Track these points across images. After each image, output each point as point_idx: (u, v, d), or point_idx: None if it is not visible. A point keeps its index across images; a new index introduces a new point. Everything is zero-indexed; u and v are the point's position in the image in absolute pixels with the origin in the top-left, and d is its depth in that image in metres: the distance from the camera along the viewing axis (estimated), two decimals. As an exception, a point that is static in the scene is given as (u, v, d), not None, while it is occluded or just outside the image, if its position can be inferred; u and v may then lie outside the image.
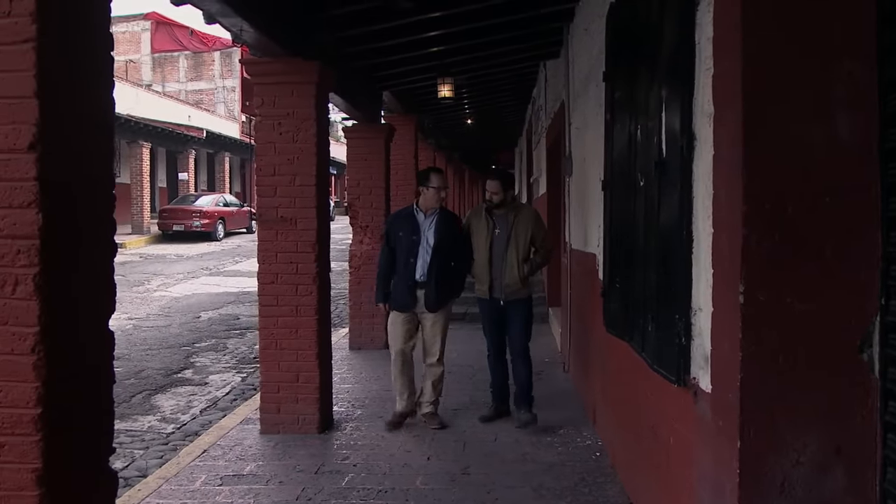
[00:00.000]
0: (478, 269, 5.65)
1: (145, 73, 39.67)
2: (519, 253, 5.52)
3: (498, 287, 5.57)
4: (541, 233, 5.69)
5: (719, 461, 2.39)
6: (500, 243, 5.55)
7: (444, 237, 5.50)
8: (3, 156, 1.99)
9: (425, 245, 5.47)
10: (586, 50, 5.84)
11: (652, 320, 3.20)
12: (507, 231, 5.55)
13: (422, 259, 5.45)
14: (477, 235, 5.65)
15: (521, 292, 5.61)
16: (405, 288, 5.48)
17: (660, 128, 3.06)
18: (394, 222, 5.74)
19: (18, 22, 1.97)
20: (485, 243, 5.59)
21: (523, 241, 5.54)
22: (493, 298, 5.61)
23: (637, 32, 3.63)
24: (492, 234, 5.58)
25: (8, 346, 2.00)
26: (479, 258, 5.63)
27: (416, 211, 5.62)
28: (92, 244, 2.25)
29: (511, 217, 5.59)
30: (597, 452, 4.97)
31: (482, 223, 5.66)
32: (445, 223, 5.59)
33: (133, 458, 5.25)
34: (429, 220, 5.55)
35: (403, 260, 5.48)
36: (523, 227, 5.57)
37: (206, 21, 4.81)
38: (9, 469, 2.01)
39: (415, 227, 5.52)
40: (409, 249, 5.46)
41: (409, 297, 5.48)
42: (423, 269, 5.44)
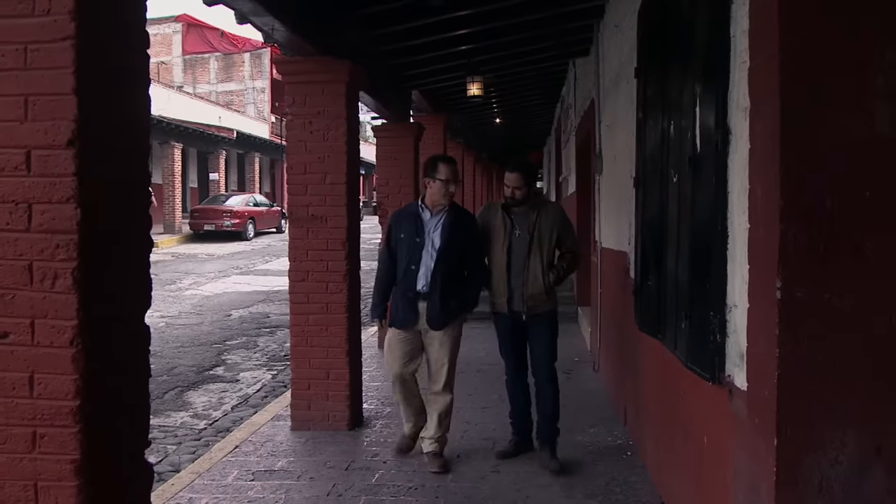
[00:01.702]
0: (494, 278, 4.78)
1: (176, 75, 40.17)
2: (543, 258, 4.68)
3: (518, 298, 4.71)
4: (568, 234, 4.80)
5: (755, 460, 2.36)
6: (521, 246, 4.69)
7: (454, 240, 4.60)
8: (42, 152, 2.02)
9: (429, 249, 4.59)
10: (617, 47, 5.80)
11: (685, 318, 3.17)
12: (528, 232, 4.68)
13: (424, 266, 4.58)
14: (493, 237, 4.77)
15: (545, 304, 4.74)
16: (404, 300, 4.62)
17: (693, 123, 3.03)
18: (396, 221, 4.83)
19: (58, 20, 2.00)
20: (502, 247, 4.71)
21: (548, 244, 4.69)
22: (512, 312, 4.73)
23: (670, 27, 3.59)
24: (510, 235, 4.71)
25: (47, 339, 2.04)
26: (495, 265, 4.77)
27: (422, 208, 4.72)
28: (128, 239, 2.28)
29: (532, 216, 4.71)
30: (628, 452, 4.93)
31: (498, 223, 4.77)
32: (456, 223, 4.66)
33: (166, 454, 5.32)
34: (436, 219, 4.65)
35: (403, 266, 4.63)
36: (547, 228, 4.70)
37: (238, 21, 4.86)
38: (48, 459, 2.05)
39: (418, 227, 4.64)
40: (411, 254, 4.60)
41: (410, 312, 4.61)
42: (425, 278, 4.56)
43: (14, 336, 2.06)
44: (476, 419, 5.67)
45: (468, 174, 17.51)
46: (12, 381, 2.06)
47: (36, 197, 2.03)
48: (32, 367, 2.05)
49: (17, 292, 2.05)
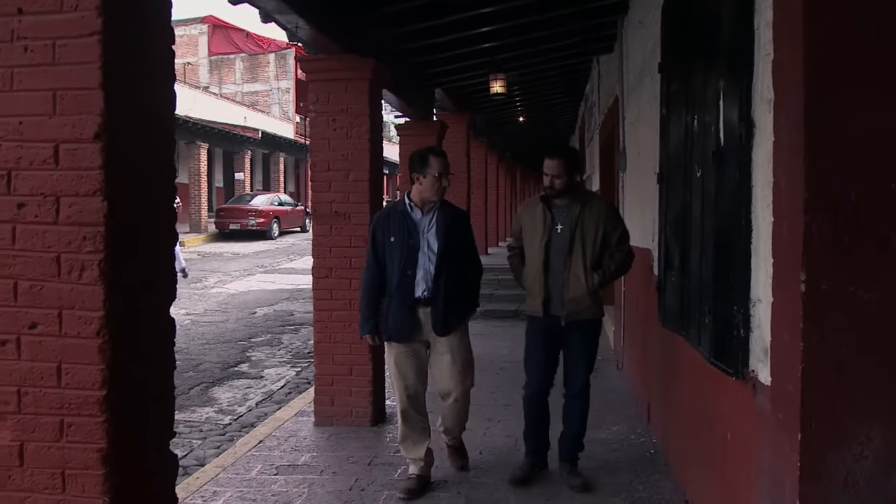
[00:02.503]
0: (529, 278, 4.33)
1: (202, 76, 40.54)
2: (587, 257, 4.17)
3: (557, 302, 4.20)
4: (617, 231, 4.25)
5: (779, 455, 2.34)
6: (561, 243, 4.21)
7: (451, 238, 4.16)
8: (70, 145, 2.06)
9: (426, 251, 4.13)
10: (641, 43, 5.77)
11: (709, 313, 3.15)
12: (570, 227, 4.19)
13: (423, 269, 4.12)
14: (531, 233, 4.34)
15: (589, 311, 4.21)
16: (403, 309, 4.13)
17: (717, 116, 3.01)
18: (382, 223, 4.27)
19: (85, 16, 2.04)
20: (540, 243, 4.24)
21: (592, 242, 4.17)
22: (549, 317, 4.24)
23: (694, 20, 3.57)
24: (550, 231, 4.23)
25: (75, 330, 2.07)
26: (531, 263, 4.32)
27: (410, 207, 4.21)
28: (154, 232, 2.32)
29: (576, 209, 4.20)
30: (651, 450, 4.91)
31: (537, 217, 4.30)
32: (450, 220, 4.20)
33: (191, 448, 5.37)
34: (427, 217, 4.19)
35: (398, 272, 4.13)
36: (592, 223, 4.18)
37: (263, 20, 4.90)
38: (76, 448, 2.09)
39: (410, 228, 4.15)
40: (406, 258, 4.12)
41: (410, 321, 4.14)
42: (426, 283, 4.12)
43: (42, 327, 2.10)
44: (499, 416, 5.67)
45: (491, 174, 17.51)
46: (41, 371, 2.11)
47: (64, 190, 2.07)
48: (60, 357, 2.09)
49: (45, 284, 2.09)
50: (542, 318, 4.27)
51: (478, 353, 7.54)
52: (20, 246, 2.10)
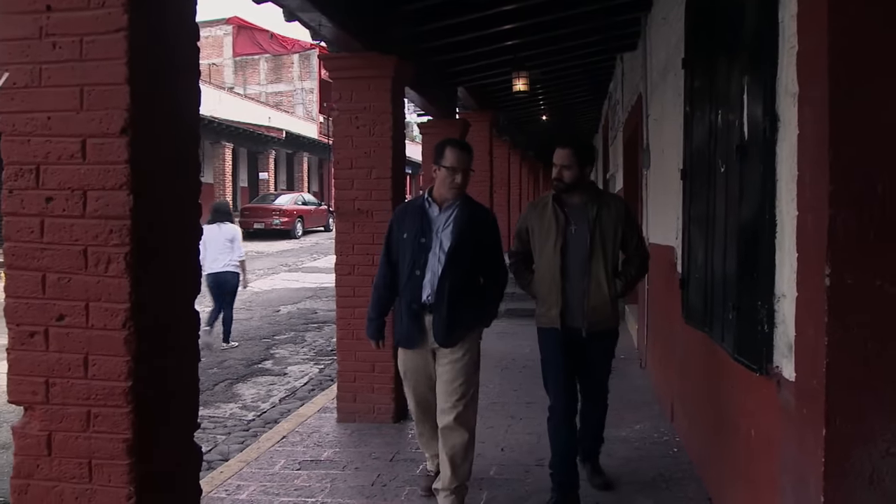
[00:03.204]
0: (543, 285, 3.94)
1: (227, 76, 40.86)
2: (608, 261, 3.85)
3: (577, 312, 3.85)
4: (634, 234, 4.00)
5: (803, 451, 2.32)
6: (579, 246, 3.84)
7: (465, 239, 3.75)
8: (97, 140, 2.09)
9: (437, 251, 3.75)
10: (664, 39, 5.73)
11: (733, 309, 3.12)
12: (587, 229, 3.83)
13: (431, 271, 3.74)
14: (541, 235, 3.95)
15: (610, 320, 3.94)
16: (408, 313, 3.78)
17: (741, 111, 2.99)
18: (398, 218, 3.97)
19: (112, 13, 2.07)
20: (554, 247, 3.86)
21: (612, 244, 3.87)
22: (567, 329, 3.86)
23: (717, 15, 3.55)
24: (564, 232, 3.86)
25: (101, 322, 2.11)
26: (544, 269, 3.93)
27: (428, 203, 3.86)
28: (179, 226, 2.35)
29: (593, 209, 3.86)
30: (674, 448, 4.88)
31: (548, 217, 3.92)
32: (469, 220, 3.79)
33: (216, 443, 5.43)
34: (445, 215, 3.81)
35: (406, 272, 3.80)
36: (611, 225, 3.86)
37: (287, 19, 4.94)
38: (102, 438, 2.12)
39: (424, 224, 3.80)
40: (415, 257, 3.76)
41: (415, 328, 3.77)
42: (431, 286, 3.72)
43: (69, 318, 2.14)
44: (521, 413, 5.66)
45: (514, 173, 17.48)
46: (68, 362, 2.14)
47: (91, 184, 2.10)
48: (87, 349, 2.13)
49: (72, 276, 2.13)
50: (557, 330, 3.88)
51: (500, 351, 7.58)
52: (48, 239, 2.14)
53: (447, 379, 3.73)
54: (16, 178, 2.15)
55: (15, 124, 2.14)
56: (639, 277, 4.13)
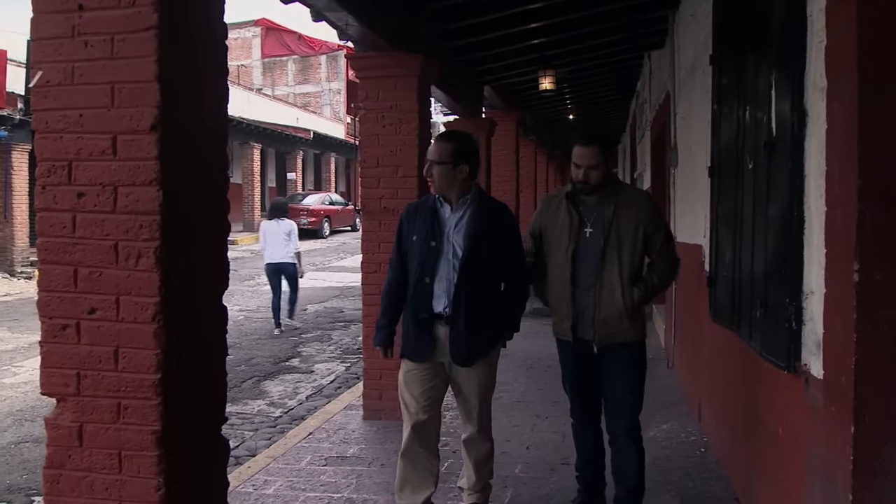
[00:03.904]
0: (554, 294, 3.58)
1: (256, 77, 41.22)
2: (624, 267, 3.43)
3: (587, 323, 3.48)
4: (660, 232, 3.51)
5: (831, 449, 2.30)
6: (592, 250, 3.46)
7: (481, 243, 3.39)
8: (127, 137, 2.13)
9: (449, 256, 3.40)
10: (692, 37, 5.69)
11: (761, 306, 3.10)
12: (602, 230, 3.44)
13: (444, 279, 3.40)
14: (553, 238, 3.58)
15: (627, 332, 3.48)
16: (415, 323, 3.46)
17: (769, 106, 2.96)
18: (408, 217, 3.61)
19: (142, 11, 2.10)
20: (565, 252, 3.49)
21: (631, 248, 3.44)
22: (579, 341, 3.53)
23: (745, 10, 3.52)
24: (577, 234, 3.48)
25: (131, 315, 2.14)
26: (555, 276, 3.56)
27: (440, 201, 3.51)
28: (207, 221, 2.38)
29: (609, 208, 3.45)
30: (702, 448, 4.84)
31: (561, 218, 3.55)
32: (485, 220, 3.45)
33: (244, 439, 5.49)
34: (457, 214, 3.46)
35: (415, 278, 3.46)
36: (630, 224, 3.43)
37: (314, 18, 4.98)
38: (131, 430, 2.15)
39: (435, 226, 3.45)
40: (424, 262, 3.43)
41: (424, 339, 3.45)
42: (447, 296, 3.40)
43: (100, 312, 2.17)
44: (546, 412, 5.65)
45: (540, 173, 17.44)
46: (99, 355, 2.18)
47: (121, 180, 2.14)
48: (117, 342, 2.16)
49: (103, 270, 2.16)
50: (569, 342, 3.58)
51: (525, 350, 7.56)
52: (80, 234, 2.17)
53: (465, 396, 3.53)
54: (48, 174, 2.19)
55: (48, 122, 2.19)
56: (663, 286, 3.61)
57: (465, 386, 3.51)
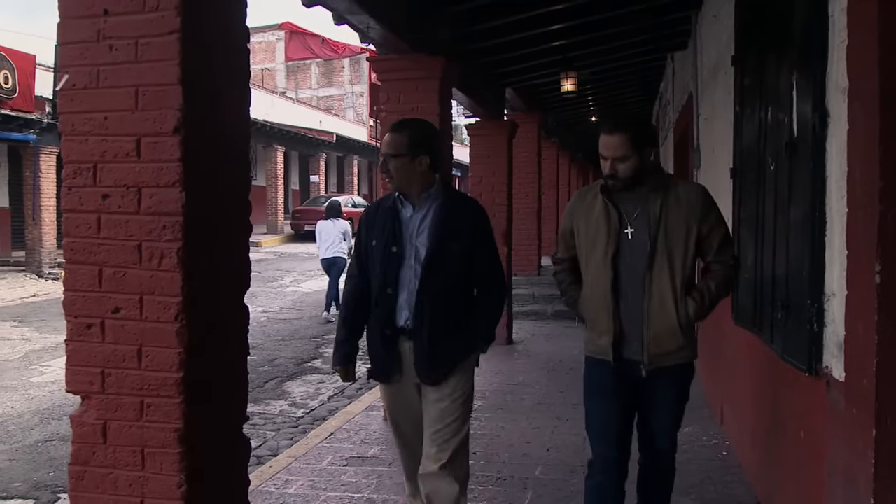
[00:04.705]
0: (591, 305, 3.04)
1: (279, 81, 41.49)
2: (676, 274, 2.89)
3: (635, 341, 2.93)
4: (719, 232, 2.96)
5: (854, 453, 2.27)
6: (636, 255, 2.91)
7: (444, 244, 2.97)
8: (150, 139, 2.16)
9: (412, 262, 2.98)
10: (715, 37, 5.66)
11: (782, 308, 3.08)
12: (649, 230, 2.89)
13: (407, 288, 2.98)
14: (588, 239, 3.03)
15: (682, 353, 2.96)
16: (380, 340, 3.04)
17: (791, 106, 2.94)
18: (366, 220, 3.18)
19: (165, 15, 2.14)
20: (604, 256, 2.95)
21: (683, 250, 2.89)
22: (624, 362, 2.96)
23: (767, 11, 3.50)
24: (617, 236, 2.93)
25: (155, 314, 2.18)
26: (592, 284, 3.03)
27: (401, 202, 3.05)
28: (229, 221, 2.41)
29: (656, 203, 2.89)
30: (723, 451, 4.81)
31: (597, 216, 2.99)
32: (449, 219, 3.00)
33: (266, 439, 5.53)
34: (420, 213, 3.02)
35: (377, 289, 3.04)
36: (682, 221, 2.89)
37: (336, 21, 5.02)
38: (154, 427, 2.19)
39: (396, 229, 3.01)
40: (386, 271, 3.00)
41: (389, 358, 3.03)
42: (409, 307, 2.98)
43: (125, 311, 2.21)
44: (567, 415, 5.64)
45: (563, 175, 17.39)
46: (122, 354, 2.22)
47: (145, 181, 2.18)
48: (141, 341, 2.20)
49: (127, 270, 2.20)
50: (609, 363, 2.98)
51: (548, 352, 7.56)
52: (105, 234, 2.22)
53: (431, 419, 3.00)
54: (74, 175, 2.24)
55: (74, 124, 2.23)
56: (722, 295, 3.04)
57: (432, 408, 3.00)
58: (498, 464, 4.58)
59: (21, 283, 15.14)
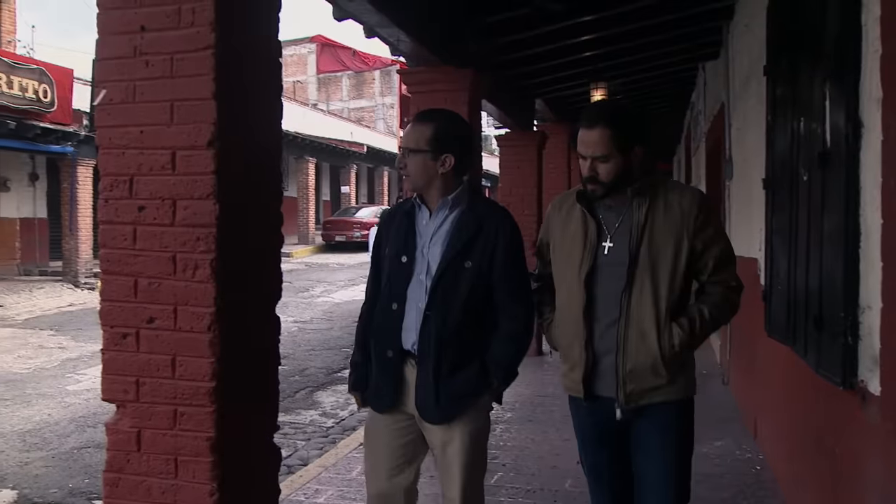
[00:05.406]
0: (563, 333, 2.60)
1: (311, 93, 41.91)
2: (660, 296, 2.43)
3: (607, 375, 2.49)
4: (716, 247, 2.49)
5: (890, 468, 2.24)
6: (614, 272, 2.46)
7: (463, 257, 2.53)
8: (185, 152, 2.21)
9: (422, 276, 2.57)
10: (747, 47, 5.62)
11: (816, 321, 3.03)
12: (629, 243, 2.45)
13: (416, 306, 2.56)
14: (562, 253, 2.60)
15: (666, 389, 2.48)
16: (379, 363, 2.63)
17: (824, 117, 2.91)
18: (384, 226, 2.79)
19: (200, 31, 2.19)
20: (577, 272, 2.51)
21: (669, 267, 2.43)
22: (596, 400, 2.53)
23: (799, 20, 3.47)
24: (594, 250, 2.50)
25: (188, 324, 2.21)
26: (563, 307, 2.59)
27: (418, 205, 2.66)
28: (261, 233, 2.45)
29: (639, 211, 2.45)
30: (757, 466, 4.74)
31: (574, 225, 2.56)
32: (468, 228, 2.55)
33: (296, 448, 5.57)
34: (436, 220, 2.60)
35: (382, 303, 2.66)
36: (670, 233, 2.43)
37: (367, 35, 5.07)
38: (187, 436, 2.22)
39: (409, 237, 2.62)
40: (394, 282, 2.62)
41: (387, 383, 2.60)
42: (416, 328, 2.54)
43: (159, 321, 2.25)
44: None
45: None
46: (157, 363, 2.26)
47: (179, 194, 2.22)
48: (174, 350, 2.23)
49: (162, 281, 2.25)
50: (581, 400, 2.57)
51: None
52: (140, 246, 2.26)
53: (444, 464, 2.61)
54: (111, 188, 2.29)
55: (111, 138, 2.29)
56: (719, 321, 2.57)
57: (441, 450, 2.58)
58: (527, 475, 4.56)
59: (58, 292, 15.42)
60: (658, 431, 2.52)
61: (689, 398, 2.60)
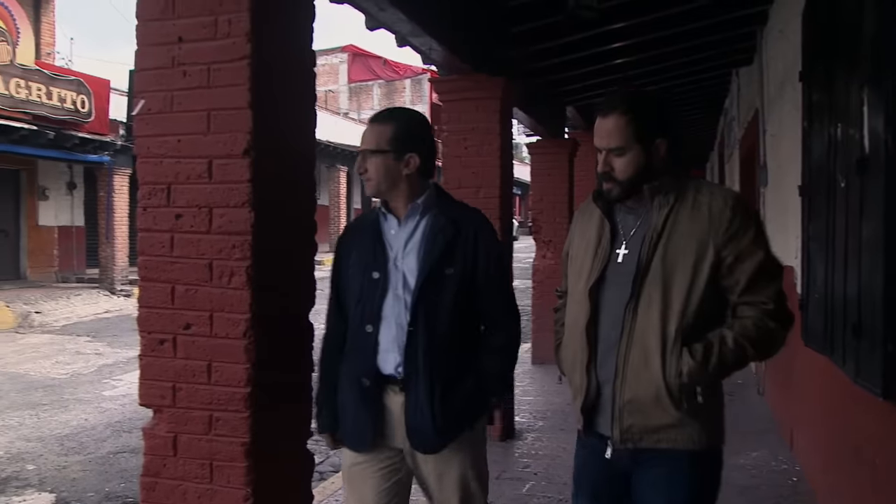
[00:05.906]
0: (567, 354, 2.23)
1: (342, 102, 42.22)
2: (671, 313, 1.99)
3: (605, 408, 2.09)
4: (751, 260, 2.00)
5: (932, 480, 2.19)
6: (621, 282, 2.08)
7: (443, 266, 2.29)
8: (221, 161, 2.24)
9: (398, 290, 2.30)
10: (781, 53, 5.56)
11: (854, 330, 2.98)
12: (641, 248, 2.06)
13: (394, 324, 2.29)
14: (577, 265, 2.24)
15: (675, 432, 2.00)
16: (355, 393, 2.33)
17: (861, 122, 2.87)
18: (344, 239, 2.53)
19: (236, 42, 2.22)
20: (584, 285, 2.15)
21: (687, 281, 1.99)
22: (594, 437, 2.14)
23: (834, 25, 3.43)
24: (606, 256, 2.13)
25: (224, 331, 2.24)
26: (571, 326, 2.21)
27: (384, 214, 2.41)
28: (295, 241, 2.47)
29: (660, 211, 2.06)
30: (794, 477, 4.66)
31: (591, 230, 2.20)
32: (448, 233, 2.32)
33: (328, 455, 5.58)
34: (407, 228, 2.37)
35: (354, 326, 2.36)
36: (691, 240, 2.01)
37: (399, 44, 5.10)
38: (222, 441, 2.25)
39: (377, 250, 2.35)
40: (366, 301, 2.33)
41: (367, 417, 2.32)
42: (398, 349, 2.28)
43: (196, 327, 2.28)
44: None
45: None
46: (193, 369, 2.29)
47: (216, 202, 2.25)
48: (210, 356, 2.26)
49: (198, 288, 2.28)
50: (581, 436, 2.23)
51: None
52: (177, 253, 2.30)
53: (437, 501, 2.43)
54: (149, 196, 2.33)
55: (149, 147, 2.33)
56: (744, 353, 2.00)
57: (437, 485, 2.36)
58: (559, 485, 4.53)
59: (95, 299, 15.67)
60: (662, 489, 2.03)
61: (707, 451, 2.05)
